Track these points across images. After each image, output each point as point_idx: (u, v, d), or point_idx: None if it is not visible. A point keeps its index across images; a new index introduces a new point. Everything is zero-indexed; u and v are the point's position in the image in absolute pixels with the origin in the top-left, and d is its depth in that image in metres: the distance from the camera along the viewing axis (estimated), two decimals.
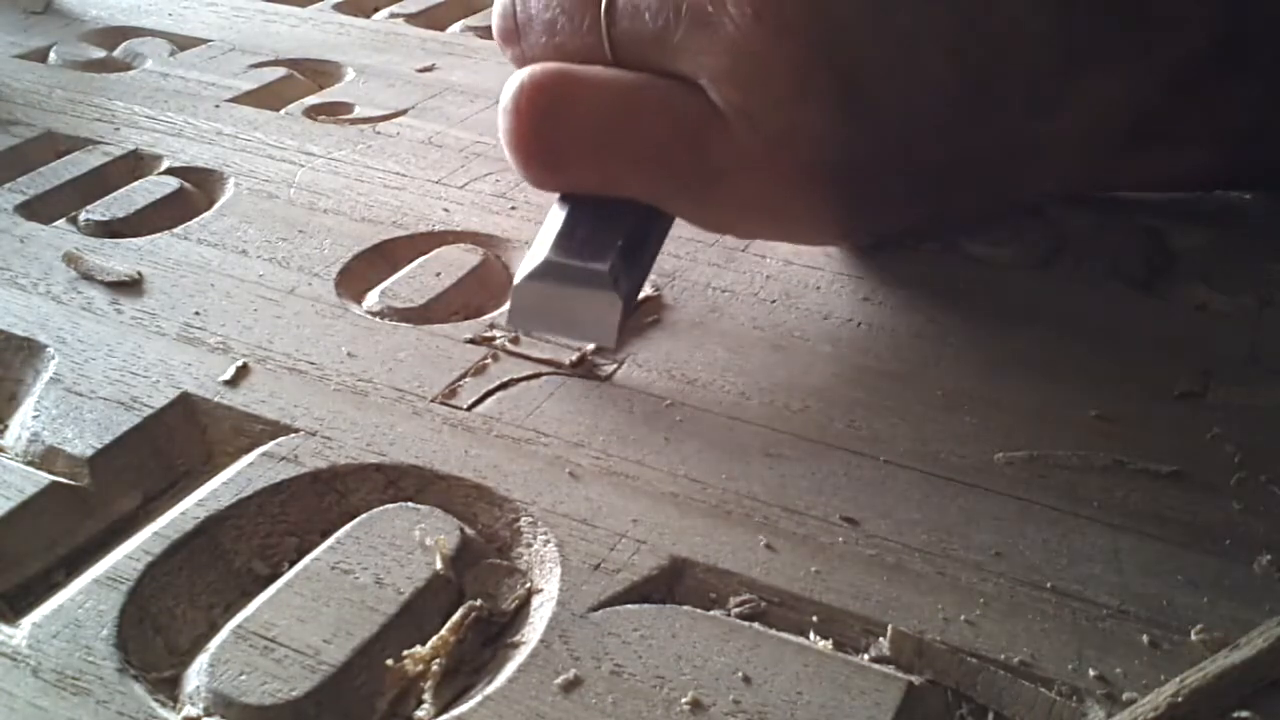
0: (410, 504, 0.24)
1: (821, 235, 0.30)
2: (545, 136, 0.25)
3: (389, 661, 0.20)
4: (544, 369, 0.28)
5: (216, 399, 0.26)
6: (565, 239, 0.26)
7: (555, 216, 0.27)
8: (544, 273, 0.26)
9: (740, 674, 0.20)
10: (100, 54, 0.47)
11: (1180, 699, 0.19)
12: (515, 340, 0.28)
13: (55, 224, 0.34)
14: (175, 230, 0.34)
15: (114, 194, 0.36)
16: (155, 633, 0.21)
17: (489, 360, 0.28)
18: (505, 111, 0.25)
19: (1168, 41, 0.23)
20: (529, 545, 0.23)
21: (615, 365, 0.28)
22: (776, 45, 0.23)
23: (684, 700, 0.19)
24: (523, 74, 0.25)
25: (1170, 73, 0.24)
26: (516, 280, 0.27)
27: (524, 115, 0.25)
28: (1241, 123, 0.25)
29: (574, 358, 0.28)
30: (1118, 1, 0.24)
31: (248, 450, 0.25)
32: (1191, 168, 0.25)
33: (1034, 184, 0.26)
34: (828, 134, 0.23)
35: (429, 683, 0.20)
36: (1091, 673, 0.20)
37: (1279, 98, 0.25)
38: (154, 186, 0.36)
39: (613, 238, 0.26)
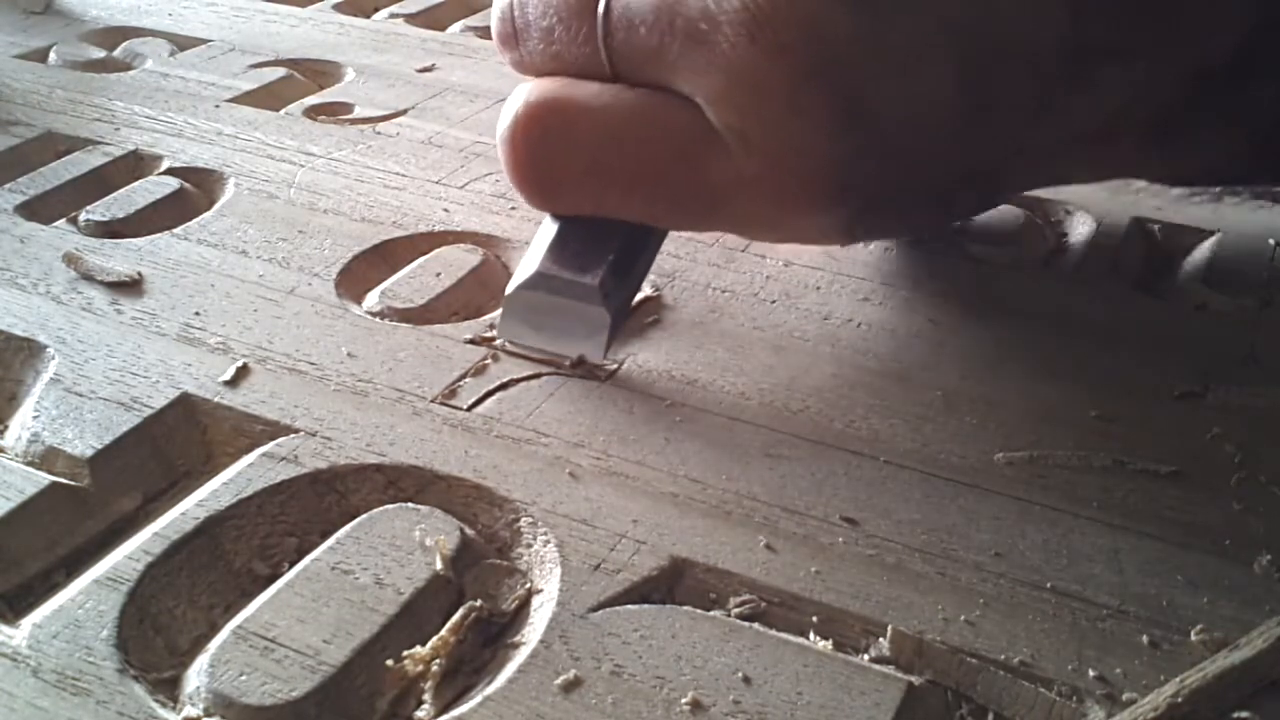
0: (410, 504, 0.24)
1: (824, 241, 0.30)
2: (541, 166, 0.25)
3: (389, 662, 0.20)
4: (544, 369, 0.28)
5: (216, 399, 0.26)
6: (558, 250, 0.27)
7: (550, 226, 0.27)
8: (535, 284, 0.26)
9: (740, 674, 0.20)
10: (100, 54, 0.47)
11: (1180, 699, 0.19)
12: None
13: (55, 224, 0.34)
14: (175, 230, 0.34)
15: (114, 194, 0.36)
16: (155, 633, 0.21)
17: (489, 360, 0.28)
18: (502, 141, 0.26)
19: (1191, 42, 0.23)
20: (529, 545, 0.23)
21: (615, 365, 0.28)
22: (771, 65, 0.22)
23: (684, 701, 0.19)
24: (517, 104, 0.25)
25: (1192, 72, 0.23)
26: (508, 290, 0.27)
27: (519, 147, 0.25)
28: (1266, 118, 0.24)
29: (574, 358, 0.28)
30: (1138, 6, 0.23)
31: (248, 451, 0.25)
32: (1212, 162, 0.25)
33: (1045, 180, 0.26)
34: (827, 152, 0.23)
35: (429, 683, 0.20)
36: (1091, 673, 0.20)
37: None
38: (154, 187, 0.36)
39: (605, 251, 0.26)
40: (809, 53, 0.22)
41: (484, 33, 0.50)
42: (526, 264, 0.27)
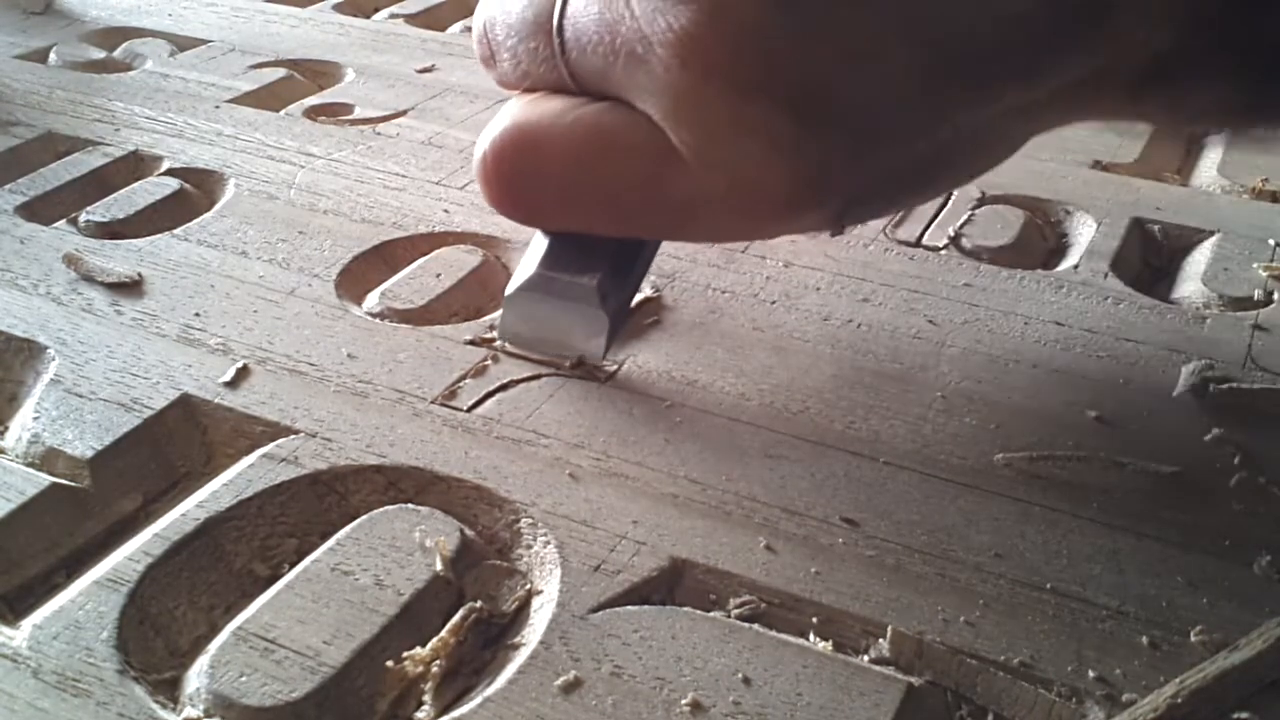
0: (410, 505, 0.24)
1: (816, 232, 0.30)
2: (515, 198, 0.26)
3: (389, 663, 0.20)
4: (544, 370, 0.28)
5: (217, 400, 0.26)
6: (556, 252, 0.27)
7: None
8: (533, 286, 0.27)
9: (740, 675, 0.20)
10: (100, 55, 0.47)
11: (1179, 700, 0.19)
12: None
13: (55, 225, 0.34)
14: (175, 231, 0.34)
15: (114, 195, 0.36)
16: (155, 634, 0.21)
17: (489, 361, 0.28)
18: (477, 176, 0.26)
19: None
20: (529, 547, 0.23)
21: (615, 366, 0.28)
22: (708, 86, 0.22)
23: (684, 702, 0.19)
24: (484, 142, 0.25)
25: (1188, 12, 0.22)
26: (507, 292, 0.27)
27: (491, 184, 0.25)
28: (1269, 54, 0.23)
29: (573, 359, 0.28)
30: None
31: (248, 452, 0.25)
32: (1213, 102, 0.24)
33: (1038, 131, 0.25)
34: (788, 164, 0.22)
35: (429, 684, 0.20)
36: (1091, 674, 0.20)
37: None
38: (154, 187, 0.36)
39: (603, 252, 0.26)
40: (745, 70, 0.21)
41: None
42: (525, 266, 0.27)
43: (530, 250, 0.27)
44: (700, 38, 0.21)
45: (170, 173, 0.37)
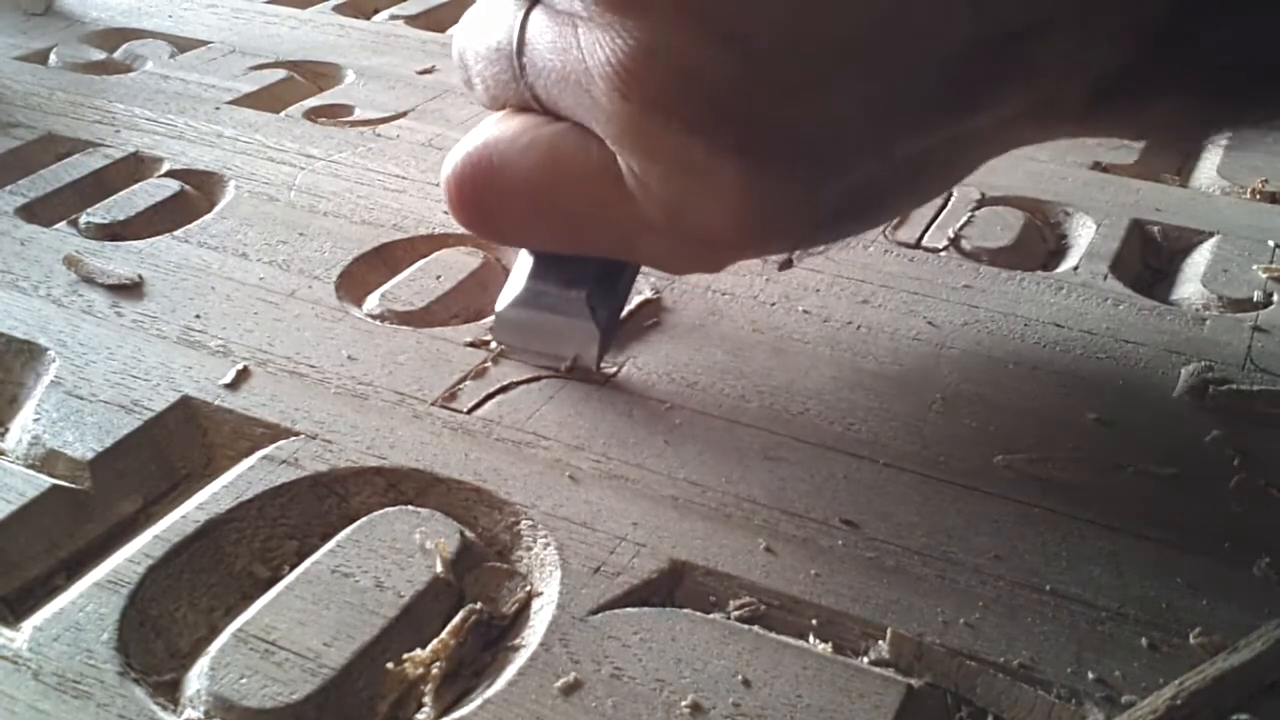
0: (410, 507, 0.24)
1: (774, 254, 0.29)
2: (478, 219, 0.26)
3: (389, 665, 0.21)
4: (543, 372, 0.28)
5: (217, 402, 0.26)
6: (544, 265, 0.27)
7: None
8: (523, 301, 0.27)
9: (740, 677, 0.20)
10: (100, 56, 0.47)
11: (1179, 701, 0.19)
12: None
13: (56, 227, 0.34)
14: (176, 233, 0.34)
15: (114, 196, 0.36)
16: (156, 636, 0.21)
17: (489, 363, 0.28)
18: (445, 197, 0.26)
19: (1118, 4, 0.22)
20: (529, 548, 0.23)
21: (615, 368, 0.28)
22: (650, 121, 0.21)
23: (684, 703, 0.19)
24: (447, 165, 0.26)
25: (1129, 32, 0.22)
26: (497, 308, 0.27)
27: (455, 205, 0.26)
28: (1214, 69, 0.23)
29: (569, 364, 0.28)
30: None
31: (248, 453, 0.25)
32: (1167, 115, 0.24)
33: (984, 161, 0.25)
34: (734, 204, 0.22)
35: (429, 686, 0.20)
36: (1090, 675, 0.20)
37: (1253, 40, 0.23)
38: (154, 189, 0.36)
39: (590, 262, 0.26)
40: (686, 107, 0.21)
41: None
42: (514, 279, 0.27)
43: (518, 262, 0.27)
44: (638, 74, 0.21)
45: (170, 174, 0.37)
